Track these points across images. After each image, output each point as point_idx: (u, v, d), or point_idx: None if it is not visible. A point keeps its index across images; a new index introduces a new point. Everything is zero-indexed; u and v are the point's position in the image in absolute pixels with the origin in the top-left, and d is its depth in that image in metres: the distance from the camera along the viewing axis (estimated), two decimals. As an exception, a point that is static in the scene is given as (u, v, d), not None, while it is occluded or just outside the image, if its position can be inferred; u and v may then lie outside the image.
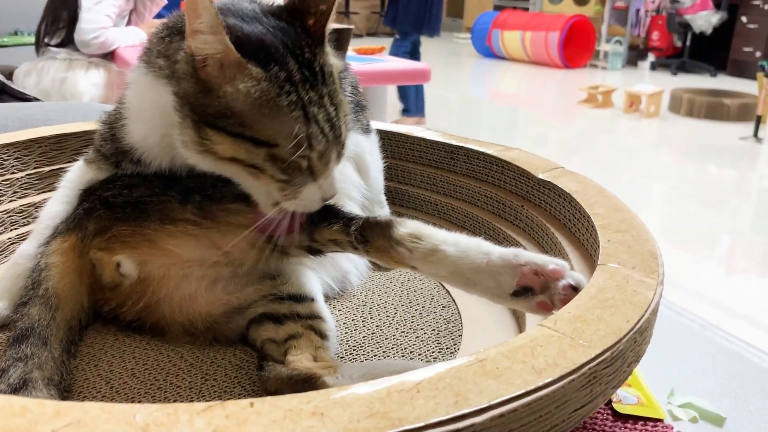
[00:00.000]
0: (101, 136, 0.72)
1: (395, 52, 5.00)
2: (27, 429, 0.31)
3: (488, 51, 8.66)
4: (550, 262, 0.52)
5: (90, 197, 0.70)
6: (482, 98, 6.17)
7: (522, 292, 0.52)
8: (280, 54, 0.55)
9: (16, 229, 0.85)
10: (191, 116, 0.56)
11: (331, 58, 0.60)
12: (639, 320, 0.44)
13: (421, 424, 0.33)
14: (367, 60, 2.88)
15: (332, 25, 0.59)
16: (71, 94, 2.73)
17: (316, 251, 0.64)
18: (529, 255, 0.53)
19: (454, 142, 0.89)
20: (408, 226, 0.57)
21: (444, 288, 0.79)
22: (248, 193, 0.60)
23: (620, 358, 0.42)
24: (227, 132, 0.54)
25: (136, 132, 0.66)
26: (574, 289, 0.50)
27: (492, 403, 0.35)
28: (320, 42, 0.58)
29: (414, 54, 5.05)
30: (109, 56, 2.84)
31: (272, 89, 0.53)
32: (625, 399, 0.61)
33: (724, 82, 7.09)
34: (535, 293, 0.52)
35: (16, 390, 0.54)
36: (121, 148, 0.68)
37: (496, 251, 0.54)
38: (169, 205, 0.64)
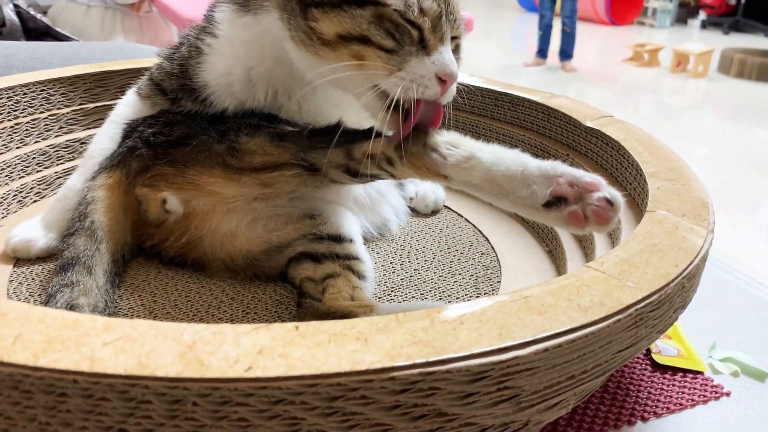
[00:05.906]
0: (165, 71, 0.72)
1: (572, 10, 5.04)
2: (78, 341, 0.32)
3: (532, 5, 8.39)
4: (588, 175, 0.51)
5: (132, 134, 0.70)
6: (523, 52, 6.01)
7: (554, 202, 0.51)
8: None
9: (62, 163, 0.86)
10: (299, 5, 0.57)
11: None
12: (688, 266, 0.43)
13: (465, 353, 0.33)
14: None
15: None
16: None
17: (353, 172, 0.61)
18: (567, 167, 0.52)
19: (498, 89, 0.87)
20: (445, 135, 0.57)
21: (483, 235, 0.78)
22: (359, 103, 0.59)
23: (667, 302, 0.41)
24: (331, 3, 0.55)
25: (220, 66, 0.67)
26: (610, 203, 0.49)
27: (537, 337, 0.34)
28: None
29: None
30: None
31: None
32: (665, 351, 0.60)
33: (779, 42, 6.78)
34: (568, 203, 0.50)
35: (63, 314, 0.56)
36: (188, 86, 0.68)
37: (534, 162, 0.53)
38: (206, 146, 0.64)
